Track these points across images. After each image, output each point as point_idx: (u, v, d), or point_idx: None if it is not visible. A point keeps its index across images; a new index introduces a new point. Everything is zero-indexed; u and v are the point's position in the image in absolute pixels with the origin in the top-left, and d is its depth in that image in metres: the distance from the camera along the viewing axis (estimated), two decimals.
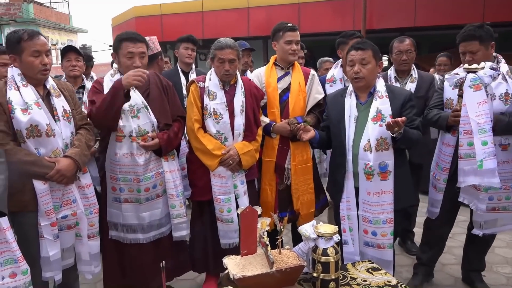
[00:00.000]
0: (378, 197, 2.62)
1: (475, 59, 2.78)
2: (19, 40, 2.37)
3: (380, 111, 2.62)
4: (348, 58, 2.72)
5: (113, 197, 2.80)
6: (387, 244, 2.66)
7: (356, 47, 2.68)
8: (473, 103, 2.61)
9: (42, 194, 2.36)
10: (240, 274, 1.80)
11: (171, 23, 13.90)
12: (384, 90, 2.69)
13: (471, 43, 2.81)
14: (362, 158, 2.62)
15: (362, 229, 2.70)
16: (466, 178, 2.70)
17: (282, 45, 3.20)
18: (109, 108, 2.60)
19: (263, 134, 3.17)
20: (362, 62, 2.65)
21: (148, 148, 2.75)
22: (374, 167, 2.59)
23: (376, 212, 2.63)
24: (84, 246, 2.60)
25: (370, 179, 2.62)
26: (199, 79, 3.04)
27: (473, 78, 2.62)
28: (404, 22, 11.02)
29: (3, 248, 2.08)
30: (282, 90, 3.23)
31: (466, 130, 2.66)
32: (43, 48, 2.41)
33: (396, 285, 2.07)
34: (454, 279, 3.36)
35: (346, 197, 2.74)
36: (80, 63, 3.72)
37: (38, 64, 2.39)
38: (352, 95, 2.75)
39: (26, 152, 2.34)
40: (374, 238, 2.67)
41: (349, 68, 2.72)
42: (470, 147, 2.65)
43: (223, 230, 2.98)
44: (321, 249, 1.98)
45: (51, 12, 22.71)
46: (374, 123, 2.61)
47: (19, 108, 2.32)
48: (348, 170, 2.70)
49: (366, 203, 2.66)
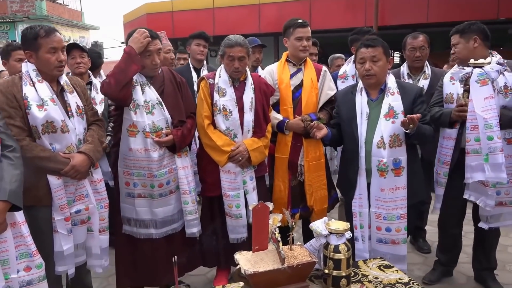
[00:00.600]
0: (392, 193, 2.63)
1: (456, 52, 2.92)
2: (36, 36, 2.38)
3: (392, 107, 2.62)
4: (358, 56, 2.71)
5: (126, 192, 2.82)
6: (401, 239, 2.68)
7: (366, 44, 2.67)
8: (480, 98, 2.62)
9: (56, 189, 2.40)
10: (251, 270, 1.80)
11: (182, 20, 13.95)
12: (395, 87, 2.69)
13: (454, 37, 2.95)
14: (375, 155, 2.62)
15: (374, 226, 2.70)
16: (474, 174, 2.71)
17: (293, 41, 3.19)
18: (123, 74, 2.60)
19: (276, 131, 3.17)
20: (373, 59, 2.64)
21: (162, 144, 2.76)
22: (388, 164, 2.59)
23: (390, 208, 2.64)
24: (95, 240, 2.63)
25: (384, 176, 2.61)
26: (209, 76, 3.05)
27: (480, 73, 2.64)
28: (416, 18, 10.92)
29: (19, 242, 2.11)
30: (294, 87, 3.22)
31: (473, 125, 2.67)
32: (59, 45, 2.44)
33: (408, 282, 2.05)
34: (467, 278, 3.34)
35: (358, 194, 2.73)
36: (85, 59, 3.72)
37: (54, 60, 2.41)
38: (362, 92, 2.74)
39: (42, 148, 2.37)
40: (388, 234, 2.67)
41: (359, 66, 2.71)
42: (477, 142, 2.66)
43: (231, 225, 2.99)
44: (333, 246, 1.97)
45: (63, 9, 22.92)
46: (387, 120, 2.61)
47: (35, 104, 2.34)
48: (361, 167, 2.70)
49: (380, 200, 2.65)
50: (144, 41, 2.64)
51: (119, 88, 2.60)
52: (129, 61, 2.61)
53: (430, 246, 3.82)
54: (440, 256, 3.27)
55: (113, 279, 3.19)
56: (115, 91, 2.61)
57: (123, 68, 2.61)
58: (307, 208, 3.24)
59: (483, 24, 2.90)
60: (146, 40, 2.65)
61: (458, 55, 2.91)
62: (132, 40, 2.65)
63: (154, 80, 2.83)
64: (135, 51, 2.63)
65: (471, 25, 2.89)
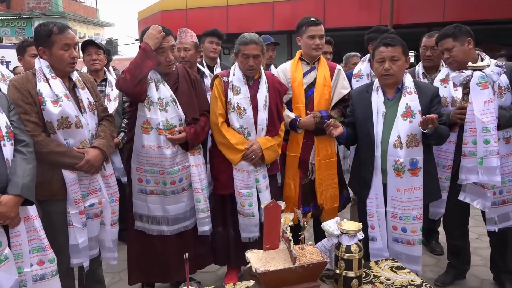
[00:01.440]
0: (409, 194, 2.61)
1: (452, 56, 2.86)
2: (50, 33, 2.41)
3: (409, 107, 2.60)
4: (376, 55, 2.67)
5: (139, 188, 2.84)
6: (417, 240, 2.66)
7: (386, 43, 2.63)
8: (480, 101, 2.61)
9: (71, 183, 2.43)
10: (262, 269, 1.80)
11: (196, 17, 13.98)
12: (412, 86, 2.66)
13: (445, 41, 2.88)
14: (392, 154, 2.59)
15: (390, 225, 2.68)
16: (469, 176, 2.70)
17: (305, 40, 3.17)
18: (139, 70, 2.62)
19: (288, 129, 3.16)
20: (392, 59, 2.60)
21: (175, 141, 2.77)
22: (405, 164, 2.57)
23: (406, 209, 2.62)
24: (108, 233, 2.68)
25: (401, 176, 2.59)
26: (223, 74, 3.04)
27: (481, 76, 2.63)
28: (432, 17, 10.77)
29: (32, 236, 2.14)
30: (307, 85, 3.21)
31: (471, 128, 2.66)
32: (72, 42, 2.47)
33: (420, 284, 2.03)
34: (481, 281, 3.29)
35: (374, 193, 2.71)
36: (101, 56, 3.77)
37: (67, 57, 2.44)
38: (379, 91, 2.71)
39: (57, 143, 2.40)
40: (403, 234, 2.65)
41: (377, 65, 2.67)
42: (474, 145, 2.66)
43: (243, 224, 2.99)
44: (345, 246, 1.96)
45: (79, 6, 23.16)
46: (404, 120, 2.58)
47: (49, 100, 2.37)
48: (376, 166, 2.67)
49: (396, 200, 2.63)
50: (159, 36, 2.66)
51: (135, 84, 2.61)
52: (144, 56, 2.63)
53: (443, 248, 3.77)
54: (451, 258, 3.24)
55: (124, 274, 3.21)
56: (130, 86, 2.62)
57: (139, 64, 2.62)
58: (318, 206, 3.23)
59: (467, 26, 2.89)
60: (161, 35, 2.67)
61: (455, 59, 2.85)
62: (147, 36, 2.66)
63: (168, 77, 2.83)
64: (151, 47, 2.64)
65: (460, 28, 2.86)
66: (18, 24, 19.94)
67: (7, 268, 2.00)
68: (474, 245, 3.30)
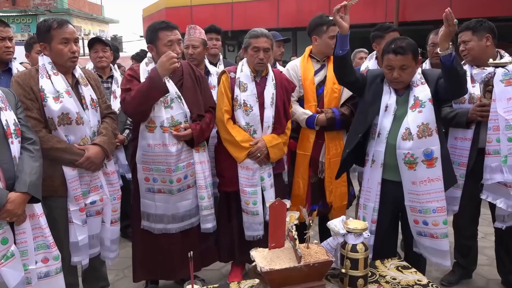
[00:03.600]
0: (425, 186, 2.50)
1: (467, 49, 2.83)
2: (49, 28, 2.41)
3: (417, 98, 2.53)
4: (385, 61, 2.58)
5: (146, 187, 2.83)
6: (440, 233, 2.54)
7: (395, 51, 2.49)
8: (504, 98, 2.58)
9: (71, 180, 2.43)
10: (267, 267, 1.78)
11: (201, 14, 13.96)
12: (419, 78, 2.59)
13: (464, 33, 2.86)
14: (400, 147, 2.52)
15: (412, 219, 2.60)
16: (493, 175, 2.65)
17: (326, 40, 3.10)
18: (145, 98, 2.62)
19: (298, 126, 3.15)
20: (402, 68, 2.51)
21: (181, 138, 2.76)
22: (417, 155, 2.48)
23: (424, 201, 2.51)
24: (107, 231, 2.67)
25: (414, 168, 2.50)
26: (230, 69, 3.03)
27: (505, 72, 2.60)
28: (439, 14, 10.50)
29: (37, 233, 2.15)
30: (318, 83, 3.19)
31: (495, 126, 2.62)
32: (71, 36, 2.45)
33: (427, 284, 2.01)
34: (487, 281, 3.27)
35: (366, 186, 2.68)
36: (107, 53, 3.77)
37: (67, 52, 2.43)
38: (391, 89, 2.63)
39: (58, 139, 2.40)
40: (426, 227, 2.56)
41: (386, 71, 2.58)
42: (498, 143, 2.61)
43: (248, 222, 2.98)
44: (351, 245, 1.94)
45: (84, 3, 23.20)
46: (413, 111, 2.52)
47: (51, 97, 2.37)
48: (376, 161, 2.62)
49: (413, 193, 2.55)
50: (170, 67, 2.62)
51: (138, 111, 2.68)
52: (152, 86, 2.60)
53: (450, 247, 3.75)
54: (458, 258, 3.21)
55: (128, 271, 3.22)
56: (134, 112, 2.73)
57: (145, 93, 2.61)
58: (326, 204, 3.22)
59: (492, 23, 2.85)
60: (172, 67, 2.62)
61: (470, 52, 2.83)
62: (159, 64, 2.62)
63: (173, 74, 2.81)
64: (160, 76, 2.61)
65: (482, 23, 2.82)
66: (24, 21, 20.03)
67: (14, 265, 2.01)
68: (480, 245, 3.28)
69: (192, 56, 3.37)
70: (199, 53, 3.42)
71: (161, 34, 2.73)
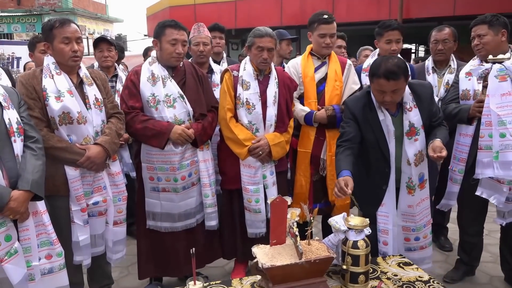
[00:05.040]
0: (419, 206, 2.59)
1: (482, 43, 2.81)
2: (51, 27, 2.43)
3: (413, 124, 2.50)
4: (375, 85, 2.44)
5: (151, 186, 2.85)
6: (428, 242, 2.67)
7: (387, 77, 2.35)
8: (497, 94, 2.58)
9: (73, 180, 2.43)
10: (269, 264, 1.80)
11: (204, 13, 13.97)
12: (411, 100, 2.51)
13: (480, 27, 2.83)
14: (405, 171, 2.54)
15: (402, 237, 2.64)
16: (485, 171, 2.66)
17: (316, 37, 3.13)
18: (144, 138, 2.77)
19: (299, 124, 3.15)
20: (394, 92, 2.42)
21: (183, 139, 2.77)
22: (415, 181, 2.54)
23: (418, 221, 2.60)
24: (110, 233, 2.65)
25: (412, 194, 2.55)
26: (233, 68, 3.03)
27: (500, 68, 2.60)
28: (443, 10, 10.65)
29: (40, 230, 2.16)
30: (318, 80, 3.18)
31: (488, 121, 2.62)
32: (73, 35, 2.45)
33: (428, 280, 2.02)
34: (490, 277, 3.26)
35: (384, 212, 2.59)
36: (112, 53, 3.79)
37: (68, 51, 2.43)
38: (383, 110, 2.52)
39: (59, 138, 2.41)
40: (416, 243, 2.64)
41: (377, 93, 2.46)
42: (490, 138, 2.61)
43: (250, 219, 2.99)
44: (352, 242, 1.95)
45: (88, 2, 23.25)
46: (409, 139, 2.50)
47: (53, 96, 2.38)
48: (390, 185, 2.56)
49: (408, 215, 2.60)
50: (176, 140, 2.73)
51: (134, 136, 2.91)
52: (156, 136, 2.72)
53: (452, 244, 3.74)
54: (461, 255, 3.20)
55: (133, 269, 3.24)
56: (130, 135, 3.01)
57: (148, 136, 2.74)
58: (329, 203, 3.22)
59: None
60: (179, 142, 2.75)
61: (485, 46, 2.81)
62: (174, 131, 2.72)
63: (175, 73, 2.84)
64: (168, 138, 2.72)
65: (498, 18, 2.81)
66: (29, 21, 20.10)
67: (17, 262, 2.03)
68: (485, 241, 3.25)
69: (202, 53, 3.37)
70: (209, 50, 3.44)
71: (167, 30, 2.75)
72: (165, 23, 2.80)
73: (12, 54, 8.80)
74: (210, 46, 3.43)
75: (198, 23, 3.51)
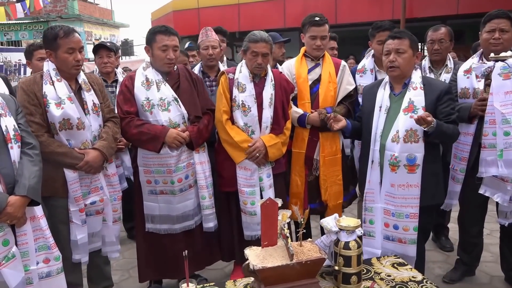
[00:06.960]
0: (403, 190, 2.53)
1: (503, 38, 2.76)
2: (56, 37, 2.48)
3: (412, 102, 2.54)
4: (384, 47, 2.67)
5: (148, 190, 2.88)
6: (409, 239, 2.55)
7: (392, 36, 2.62)
8: (501, 92, 2.57)
9: (71, 182, 2.51)
10: (260, 265, 1.81)
11: (208, 16, 14.04)
12: (419, 82, 2.59)
13: (504, 21, 2.78)
14: (389, 149, 2.55)
15: (383, 222, 2.62)
16: (488, 169, 2.65)
17: (307, 39, 3.16)
18: (141, 143, 2.82)
19: (295, 125, 3.16)
20: (398, 51, 2.57)
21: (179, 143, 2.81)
22: (400, 159, 2.51)
23: (399, 205, 2.54)
24: (110, 229, 2.76)
25: (395, 171, 2.53)
26: (229, 71, 3.05)
27: (503, 66, 2.59)
28: (446, 9, 10.60)
29: (38, 235, 2.21)
30: (312, 81, 3.20)
31: (491, 120, 2.61)
32: (77, 45, 2.53)
33: (421, 281, 2.02)
34: (490, 277, 3.24)
35: (369, 188, 2.67)
36: (112, 59, 3.84)
37: (72, 60, 2.50)
38: (386, 86, 2.68)
39: (59, 143, 2.48)
40: (395, 232, 2.57)
41: (384, 57, 2.65)
42: (494, 137, 2.61)
43: (246, 222, 3.00)
44: (343, 243, 1.96)
45: (94, 8, 23.45)
46: (405, 114, 2.54)
47: (53, 103, 2.44)
48: (374, 160, 2.63)
49: (389, 195, 2.58)
50: (170, 143, 2.77)
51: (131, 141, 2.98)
52: (151, 140, 2.76)
53: (453, 244, 3.73)
54: (461, 254, 3.19)
55: (133, 271, 3.27)
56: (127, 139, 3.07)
57: (143, 141, 2.79)
58: (323, 203, 3.23)
59: None
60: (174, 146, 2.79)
61: (504, 42, 2.75)
62: (169, 135, 2.76)
63: (169, 77, 2.88)
64: (163, 141, 2.76)
65: None
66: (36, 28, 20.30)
67: (15, 266, 2.07)
68: (486, 241, 3.25)
69: (212, 57, 3.40)
70: (218, 53, 3.47)
71: (158, 37, 2.79)
72: (155, 29, 2.83)
73: (19, 61, 8.90)
74: (219, 49, 3.46)
75: (206, 28, 3.55)
